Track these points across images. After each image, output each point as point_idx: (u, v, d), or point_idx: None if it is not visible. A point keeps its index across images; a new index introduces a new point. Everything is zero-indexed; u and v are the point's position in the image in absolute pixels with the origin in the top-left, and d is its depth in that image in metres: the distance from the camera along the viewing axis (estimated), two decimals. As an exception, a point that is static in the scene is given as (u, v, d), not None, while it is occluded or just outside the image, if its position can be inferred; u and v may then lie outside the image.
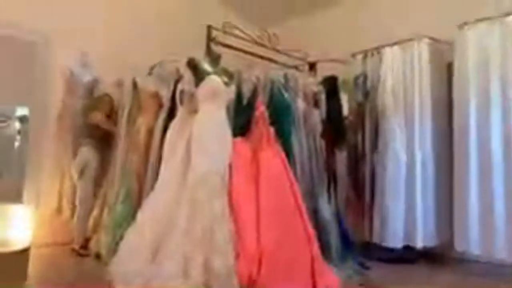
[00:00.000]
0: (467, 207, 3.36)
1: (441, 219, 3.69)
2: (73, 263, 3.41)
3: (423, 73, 3.77)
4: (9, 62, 3.85)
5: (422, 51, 3.79)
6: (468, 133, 3.42)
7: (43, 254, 3.39)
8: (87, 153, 3.70)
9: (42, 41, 3.93)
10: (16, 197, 3.74)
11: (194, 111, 2.98)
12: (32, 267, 2.85)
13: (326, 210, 3.47)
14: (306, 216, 2.97)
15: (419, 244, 3.59)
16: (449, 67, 3.77)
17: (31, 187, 3.83)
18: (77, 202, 3.71)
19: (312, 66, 4.52)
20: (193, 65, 3.09)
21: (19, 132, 4.03)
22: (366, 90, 4.07)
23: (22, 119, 4.01)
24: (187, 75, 3.10)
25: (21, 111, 4.02)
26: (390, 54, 3.93)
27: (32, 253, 2.87)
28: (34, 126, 3.92)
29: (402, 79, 3.86)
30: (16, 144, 4.03)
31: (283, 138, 3.25)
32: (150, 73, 3.91)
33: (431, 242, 3.65)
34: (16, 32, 3.76)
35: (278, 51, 4.20)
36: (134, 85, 3.76)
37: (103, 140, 3.80)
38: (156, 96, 3.60)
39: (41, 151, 3.91)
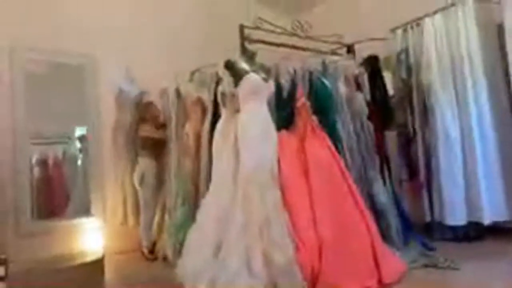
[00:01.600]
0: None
1: (510, 192, 3.46)
2: (142, 267, 3.62)
3: (470, 38, 3.53)
4: (63, 86, 4.17)
5: (467, 15, 3.56)
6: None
7: (114, 262, 3.62)
8: (144, 163, 3.93)
9: (89, 63, 4.22)
10: (85, 211, 4.04)
11: (237, 111, 3.03)
12: (107, 275, 3.06)
13: (382, 194, 3.39)
14: (361, 202, 2.92)
15: (486, 220, 3.40)
16: (500, 28, 3.51)
17: (97, 201, 4.13)
18: (141, 210, 3.93)
19: (350, 49, 4.41)
20: (230, 66, 3.14)
21: (80, 151, 4.32)
22: (410, 66, 3.90)
23: (81, 139, 4.29)
24: (226, 76, 3.16)
25: (80, 131, 4.30)
26: (432, 24, 3.73)
27: (105, 262, 3.08)
28: (93, 144, 4.21)
29: (447, 49, 3.65)
30: (79, 162, 4.32)
31: (329, 126, 3.21)
32: (190, 79, 4.03)
33: (501, 217, 3.44)
34: (66, 58, 4.11)
35: (312, 38, 4.14)
36: (178, 93, 3.92)
37: (157, 148, 4.00)
38: (199, 101, 3.71)
39: (101, 167, 4.19)
